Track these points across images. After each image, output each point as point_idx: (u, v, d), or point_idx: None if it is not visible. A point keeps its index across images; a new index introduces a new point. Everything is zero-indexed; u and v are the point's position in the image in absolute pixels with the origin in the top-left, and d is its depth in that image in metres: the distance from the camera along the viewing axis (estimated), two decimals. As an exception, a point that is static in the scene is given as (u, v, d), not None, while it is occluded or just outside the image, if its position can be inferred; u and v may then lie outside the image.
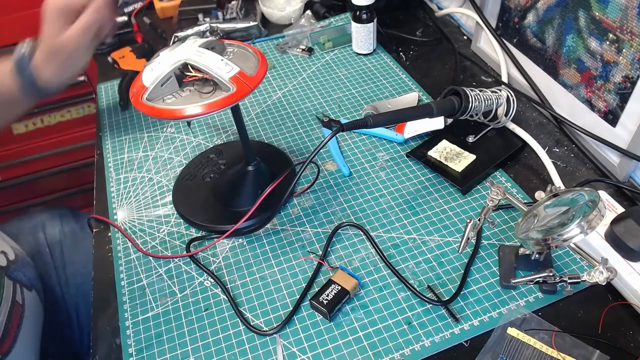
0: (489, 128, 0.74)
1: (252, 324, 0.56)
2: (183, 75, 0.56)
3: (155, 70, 0.54)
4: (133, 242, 0.66)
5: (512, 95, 0.72)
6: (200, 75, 0.56)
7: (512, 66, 0.83)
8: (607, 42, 0.63)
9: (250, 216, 0.63)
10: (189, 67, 0.55)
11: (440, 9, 1.03)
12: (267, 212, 0.65)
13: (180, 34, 1.00)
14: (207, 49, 0.56)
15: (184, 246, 0.65)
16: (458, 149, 0.72)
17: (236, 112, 0.62)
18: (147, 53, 0.99)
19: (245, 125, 0.64)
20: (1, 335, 0.62)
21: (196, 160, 0.75)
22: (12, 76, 0.67)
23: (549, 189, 0.54)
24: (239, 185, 0.68)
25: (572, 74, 0.70)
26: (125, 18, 1.07)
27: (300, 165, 0.74)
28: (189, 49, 0.56)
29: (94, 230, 0.70)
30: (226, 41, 0.60)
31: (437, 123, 0.74)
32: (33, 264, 0.78)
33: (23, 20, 1.19)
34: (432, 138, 0.74)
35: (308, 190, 0.71)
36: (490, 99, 0.70)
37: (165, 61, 0.55)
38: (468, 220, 0.54)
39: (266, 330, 0.55)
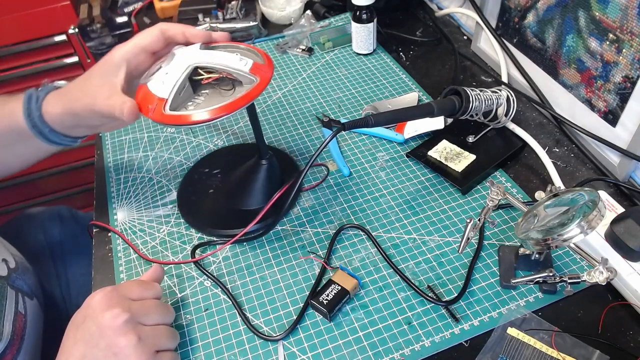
0: (489, 128, 0.74)
1: (252, 324, 0.56)
2: (194, 82, 0.56)
3: (168, 82, 0.53)
4: (135, 248, 0.66)
5: (512, 95, 0.72)
6: (216, 75, 0.55)
7: (512, 66, 0.83)
8: (607, 42, 0.63)
9: (263, 220, 0.62)
10: (199, 71, 0.55)
11: (440, 9, 1.03)
12: (274, 216, 0.65)
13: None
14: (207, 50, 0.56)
15: (185, 246, 0.65)
16: (458, 149, 0.72)
17: (250, 105, 0.60)
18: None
19: (256, 118, 0.63)
20: (4, 348, 0.60)
21: (188, 178, 0.73)
22: (22, 111, 0.61)
23: (549, 189, 0.54)
24: (252, 182, 0.67)
25: (572, 74, 0.70)
26: (125, 18, 1.07)
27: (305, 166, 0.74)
28: (191, 54, 0.56)
29: (94, 230, 0.70)
30: (212, 43, 0.60)
31: (437, 123, 0.74)
32: (32, 270, 0.76)
33: (23, 20, 1.19)
34: (432, 138, 0.74)
35: (308, 190, 0.71)
36: (490, 99, 0.70)
37: (174, 70, 0.54)
38: (468, 220, 0.54)
39: (272, 336, 0.55)
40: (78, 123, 0.62)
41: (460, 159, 0.70)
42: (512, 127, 0.74)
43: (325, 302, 0.55)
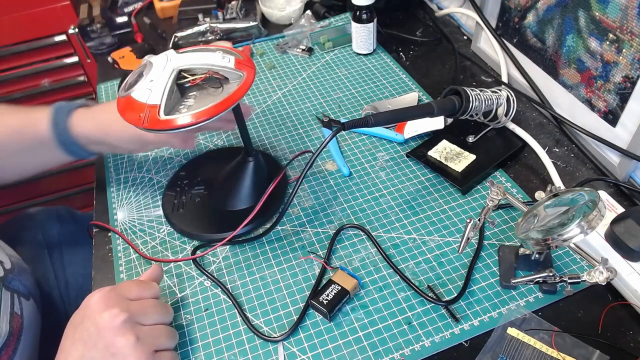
0: (489, 128, 0.74)
1: (252, 324, 0.56)
2: (179, 86, 0.56)
3: (156, 88, 0.53)
4: (135, 247, 0.66)
5: (512, 95, 0.72)
6: (202, 76, 0.56)
7: (512, 66, 0.83)
8: (607, 42, 0.63)
9: (251, 220, 0.62)
10: (183, 74, 0.55)
11: (440, 9, 1.03)
12: (266, 216, 0.65)
13: (180, 34, 1.00)
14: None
15: (185, 246, 0.65)
16: (458, 149, 0.72)
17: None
18: (147, 53, 0.99)
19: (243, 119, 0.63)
20: None
21: (170, 191, 0.72)
22: (49, 119, 0.66)
23: (549, 189, 0.54)
24: (239, 181, 0.67)
25: (572, 74, 0.70)
26: (125, 18, 1.07)
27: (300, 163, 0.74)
28: (171, 59, 0.56)
29: (94, 230, 0.70)
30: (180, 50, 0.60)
31: (437, 123, 0.74)
32: (30, 270, 0.76)
33: (23, 20, 1.19)
34: (432, 138, 0.74)
35: (308, 190, 0.71)
36: (490, 99, 0.70)
37: (159, 76, 0.54)
38: (468, 220, 0.54)
39: (272, 336, 0.55)
40: (104, 140, 0.67)
41: (460, 159, 0.70)
42: (512, 127, 0.74)
43: (325, 302, 0.55)
